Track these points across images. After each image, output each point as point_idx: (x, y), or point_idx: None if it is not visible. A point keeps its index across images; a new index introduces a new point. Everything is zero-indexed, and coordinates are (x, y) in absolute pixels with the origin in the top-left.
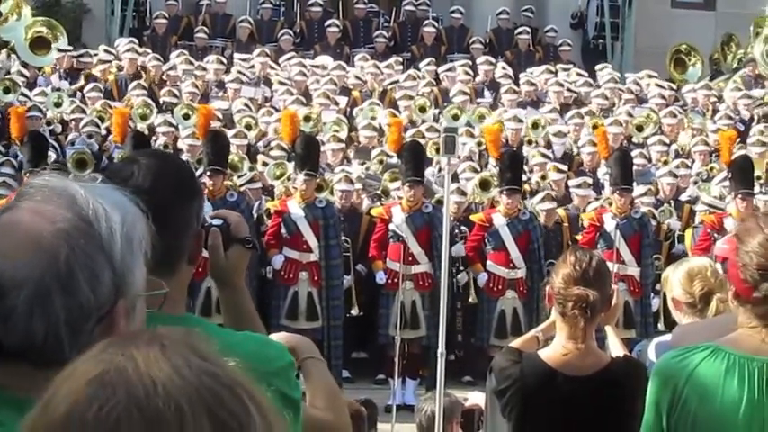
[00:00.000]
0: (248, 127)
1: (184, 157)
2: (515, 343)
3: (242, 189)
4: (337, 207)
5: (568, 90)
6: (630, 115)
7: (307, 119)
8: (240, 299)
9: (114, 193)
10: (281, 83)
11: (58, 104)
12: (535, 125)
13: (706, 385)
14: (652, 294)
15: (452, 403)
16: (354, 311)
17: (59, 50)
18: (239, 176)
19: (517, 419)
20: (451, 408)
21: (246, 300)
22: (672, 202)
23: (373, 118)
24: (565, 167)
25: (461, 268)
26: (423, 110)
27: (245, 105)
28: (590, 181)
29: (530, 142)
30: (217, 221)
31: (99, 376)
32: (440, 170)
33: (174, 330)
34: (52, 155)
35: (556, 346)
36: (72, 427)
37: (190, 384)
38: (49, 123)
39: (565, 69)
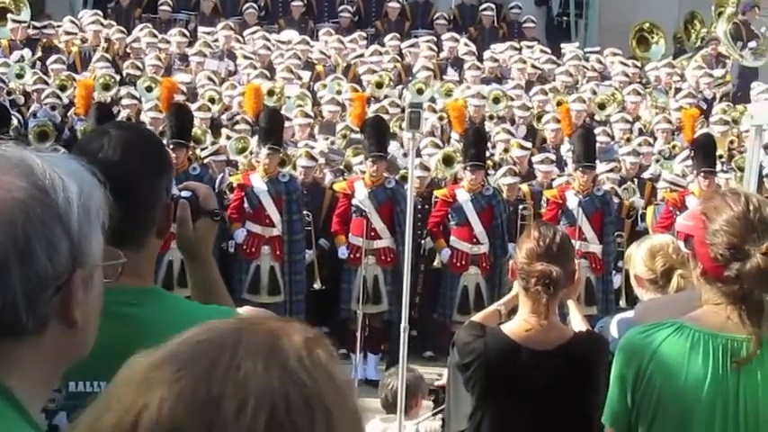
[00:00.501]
0: (212, 100)
1: None
2: (478, 317)
3: (205, 162)
4: (300, 182)
5: (533, 67)
6: (594, 93)
7: (270, 93)
8: (208, 272)
9: (71, 163)
10: (246, 57)
11: (20, 76)
12: (496, 99)
13: (671, 362)
14: (614, 271)
15: (416, 378)
16: (317, 286)
17: (14, 21)
18: (202, 149)
19: (480, 393)
20: (416, 383)
21: (214, 272)
22: (635, 179)
23: (338, 93)
24: (528, 144)
25: (426, 233)
26: (379, 86)
27: (209, 79)
28: (553, 157)
29: (491, 117)
30: (185, 194)
31: (198, 341)
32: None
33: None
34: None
35: (519, 320)
36: (152, 377)
37: (270, 381)
38: (9, 94)
39: (529, 46)
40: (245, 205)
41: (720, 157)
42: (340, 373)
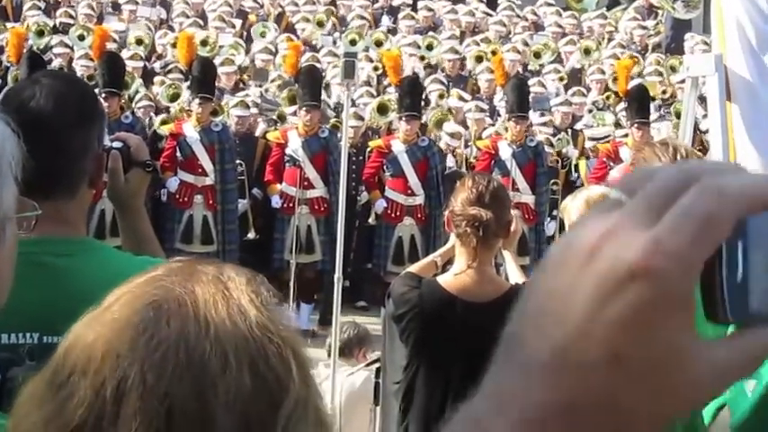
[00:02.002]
0: (139, 42)
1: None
2: (413, 268)
3: (136, 110)
4: (233, 131)
5: (468, 14)
6: (527, 44)
7: (204, 43)
8: (140, 222)
9: None
10: (184, 2)
11: None
12: (430, 47)
13: None
14: (548, 219)
15: (364, 330)
16: (251, 235)
17: None
18: (134, 98)
19: (415, 344)
20: (362, 334)
21: (146, 223)
22: (568, 130)
23: (267, 40)
24: (467, 95)
25: (361, 189)
26: (320, 24)
27: (147, 27)
28: (485, 106)
29: (427, 67)
30: (117, 144)
31: (158, 303)
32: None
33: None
34: None
35: (455, 271)
36: (122, 347)
37: (241, 333)
38: None
39: None
40: (178, 154)
41: (653, 99)
42: (284, 312)
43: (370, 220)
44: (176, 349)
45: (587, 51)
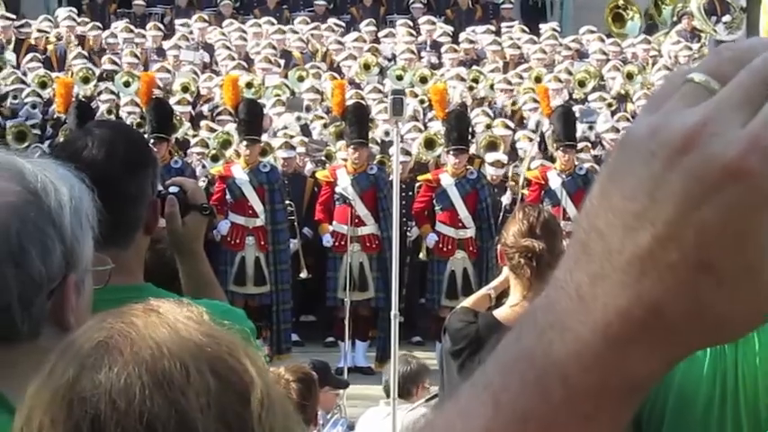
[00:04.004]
0: (185, 89)
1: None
2: (468, 302)
3: (186, 155)
4: (281, 171)
5: (512, 47)
6: (570, 72)
7: (249, 85)
8: (200, 266)
9: (59, 168)
10: (227, 47)
11: None
12: (476, 80)
13: None
14: None
15: (420, 366)
16: (303, 274)
17: (4, 18)
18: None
19: None
20: (419, 370)
21: (205, 267)
22: None
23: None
24: (511, 123)
25: (411, 225)
26: (367, 67)
27: (194, 72)
28: (532, 135)
29: (474, 99)
30: (173, 189)
31: (104, 341)
32: (387, 133)
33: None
34: None
35: (510, 303)
36: (83, 390)
37: (191, 344)
38: None
39: (509, 27)
40: (228, 197)
41: None
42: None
43: (421, 255)
44: (138, 373)
45: (630, 76)
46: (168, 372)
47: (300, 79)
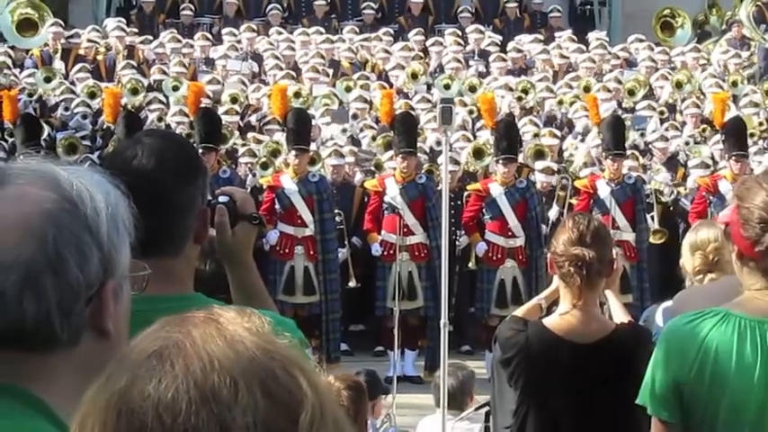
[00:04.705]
0: (234, 100)
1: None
2: (519, 312)
3: (235, 164)
4: (330, 180)
5: (561, 57)
6: (619, 81)
7: (297, 95)
8: (249, 276)
9: (94, 175)
10: (275, 56)
11: (48, 80)
12: (525, 90)
13: (720, 351)
14: None
15: (468, 375)
16: (352, 284)
17: (56, 25)
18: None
19: (523, 388)
20: (468, 379)
21: (255, 277)
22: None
23: (366, 89)
24: (559, 132)
25: (461, 233)
26: (414, 76)
27: (242, 82)
28: (579, 142)
29: (522, 109)
30: (223, 198)
31: (158, 351)
32: (438, 143)
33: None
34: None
35: (560, 312)
36: (132, 400)
37: (244, 359)
38: (35, 98)
39: (558, 36)
40: (277, 206)
41: (752, 135)
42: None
43: (470, 265)
44: (186, 387)
45: (679, 85)
46: (217, 388)
47: (348, 89)
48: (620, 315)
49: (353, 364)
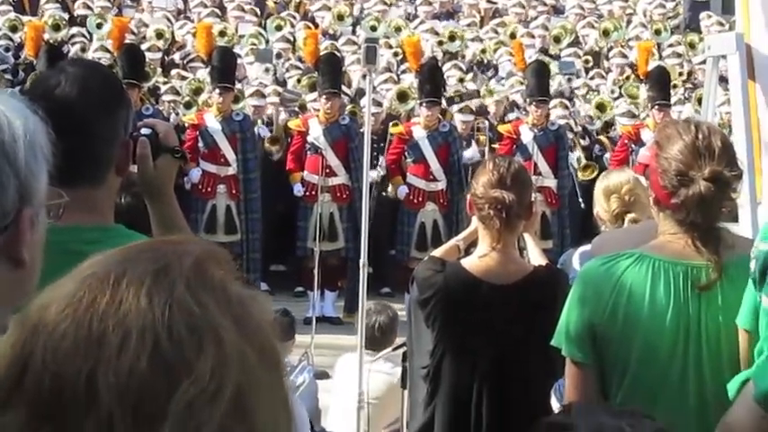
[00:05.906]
0: (159, 35)
1: None
2: (437, 252)
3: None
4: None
5: (487, 1)
6: (546, 27)
7: (222, 34)
8: (169, 210)
9: (12, 100)
10: None
11: None
12: (452, 37)
13: (633, 291)
14: None
15: (391, 317)
16: None
17: None
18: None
19: (440, 328)
20: (391, 321)
21: (176, 211)
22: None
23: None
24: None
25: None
26: (341, 18)
27: (167, 18)
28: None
29: (447, 52)
30: (145, 131)
31: (83, 277)
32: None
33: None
34: None
35: (479, 254)
36: (45, 318)
37: (150, 314)
38: None
39: None
40: (200, 144)
41: (675, 86)
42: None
43: (389, 190)
44: (78, 325)
45: (606, 33)
46: (103, 338)
47: (279, 28)
48: (537, 258)
49: (273, 304)
